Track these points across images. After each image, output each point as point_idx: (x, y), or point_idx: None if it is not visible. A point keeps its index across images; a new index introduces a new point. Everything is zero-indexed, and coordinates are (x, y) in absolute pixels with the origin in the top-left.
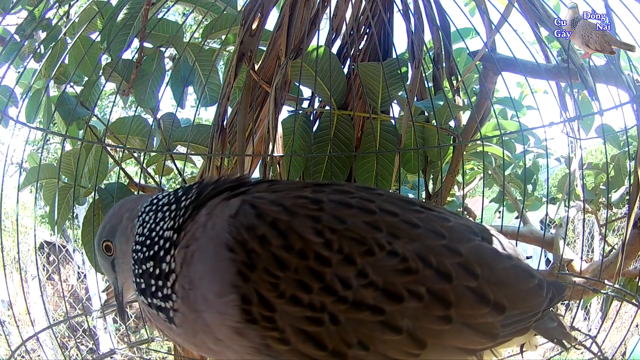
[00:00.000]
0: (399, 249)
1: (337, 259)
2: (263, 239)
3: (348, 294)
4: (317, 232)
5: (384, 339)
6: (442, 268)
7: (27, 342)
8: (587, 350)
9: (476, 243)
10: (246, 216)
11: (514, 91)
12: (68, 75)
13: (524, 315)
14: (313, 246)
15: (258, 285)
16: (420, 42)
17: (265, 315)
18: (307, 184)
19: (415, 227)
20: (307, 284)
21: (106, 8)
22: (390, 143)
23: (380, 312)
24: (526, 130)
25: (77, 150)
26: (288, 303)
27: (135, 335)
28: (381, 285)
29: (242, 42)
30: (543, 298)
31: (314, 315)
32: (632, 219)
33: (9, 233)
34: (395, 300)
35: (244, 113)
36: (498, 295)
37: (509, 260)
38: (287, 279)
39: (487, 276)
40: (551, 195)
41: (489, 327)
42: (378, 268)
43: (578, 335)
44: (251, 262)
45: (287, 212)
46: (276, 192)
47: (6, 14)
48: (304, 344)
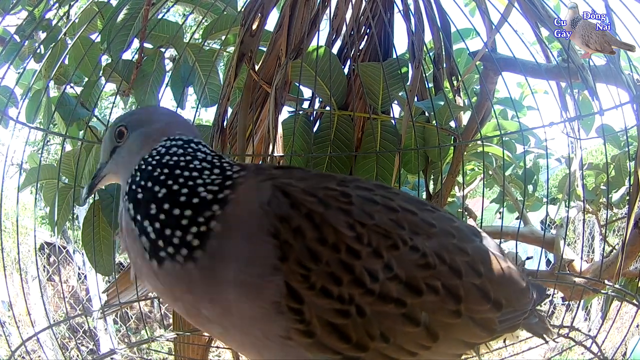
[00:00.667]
0: (419, 245)
1: (366, 252)
2: (297, 231)
3: (375, 286)
4: (350, 226)
5: (405, 331)
6: (455, 265)
7: (28, 343)
8: (587, 350)
9: (477, 244)
10: (280, 205)
11: (514, 91)
12: (68, 76)
13: (516, 312)
14: (345, 239)
15: (288, 276)
16: (420, 43)
17: (293, 307)
18: (325, 175)
19: (432, 226)
20: (338, 277)
21: (106, 8)
22: (390, 143)
23: (403, 304)
24: (526, 130)
25: (77, 151)
26: (318, 295)
27: (135, 336)
28: (404, 278)
29: (242, 43)
30: (530, 299)
31: (342, 308)
32: (633, 219)
33: (9, 234)
34: (416, 293)
35: (244, 113)
36: (497, 293)
37: (504, 262)
38: (318, 271)
39: (488, 275)
40: (552, 195)
41: (489, 322)
42: (402, 262)
43: (578, 336)
44: (283, 253)
45: (321, 203)
46: (303, 180)
47: (6, 14)
48: (329, 336)
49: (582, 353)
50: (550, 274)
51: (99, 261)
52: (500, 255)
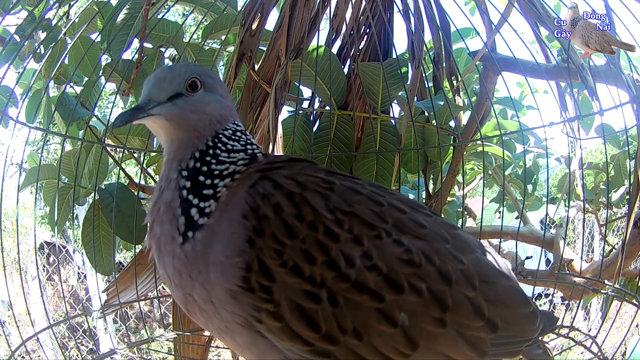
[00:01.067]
0: (404, 240)
1: (346, 237)
2: (277, 206)
3: (350, 272)
4: (329, 210)
5: (379, 330)
6: (444, 269)
7: (27, 343)
8: (587, 350)
9: (478, 255)
10: (263, 186)
11: (514, 91)
12: (68, 76)
13: (515, 338)
14: (325, 220)
15: (262, 252)
16: (420, 42)
17: (263, 284)
18: (322, 169)
19: (422, 226)
20: (312, 255)
21: (106, 8)
22: (390, 143)
23: (380, 299)
24: (526, 130)
25: (77, 151)
26: (289, 273)
27: (135, 336)
28: (384, 271)
29: (242, 42)
30: (536, 327)
31: (312, 290)
32: (632, 219)
33: (9, 234)
34: (396, 289)
35: (244, 113)
36: (493, 312)
37: (508, 280)
38: (293, 247)
39: (485, 291)
40: (551, 195)
41: (480, 342)
42: (383, 253)
43: (578, 335)
44: (260, 227)
45: (299, 186)
46: (291, 168)
47: (6, 14)
48: (298, 321)
49: (581, 353)
50: (550, 273)
51: (98, 261)
52: (504, 273)
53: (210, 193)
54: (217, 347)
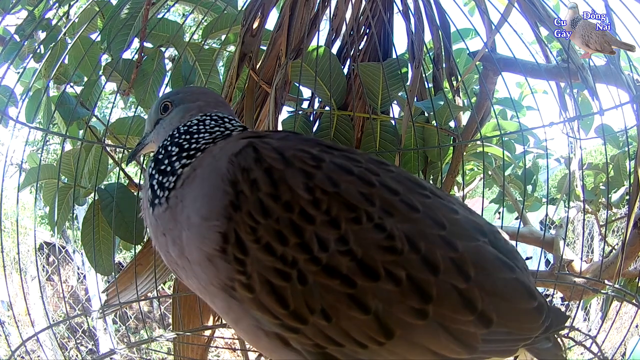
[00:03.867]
0: (387, 226)
1: (321, 219)
2: (254, 183)
3: (322, 256)
4: (308, 189)
5: (349, 315)
6: (431, 257)
7: (27, 343)
8: (587, 350)
9: (479, 244)
10: (245, 157)
11: (513, 91)
12: (68, 75)
13: (511, 336)
14: (300, 201)
15: (238, 226)
16: (420, 43)
17: (238, 257)
18: (322, 144)
19: (414, 210)
20: (285, 236)
21: (106, 8)
22: (390, 143)
23: (351, 284)
24: (526, 130)
25: (77, 151)
26: (262, 250)
27: (135, 336)
28: (359, 256)
29: (243, 43)
30: (539, 324)
31: (283, 269)
32: (632, 219)
33: (8, 234)
34: (370, 276)
35: (249, 114)
36: (488, 305)
37: (511, 272)
38: (266, 226)
39: (480, 282)
40: (551, 195)
41: (469, 337)
42: (361, 238)
43: (578, 336)
44: (238, 202)
45: (283, 161)
46: (285, 140)
47: (6, 14)
48: (267, 296)
49: (581, 353)
50: (550, 274)
51: (98, 261)
52: (509, 265)
53: (169, 169)
54: (217, 347)
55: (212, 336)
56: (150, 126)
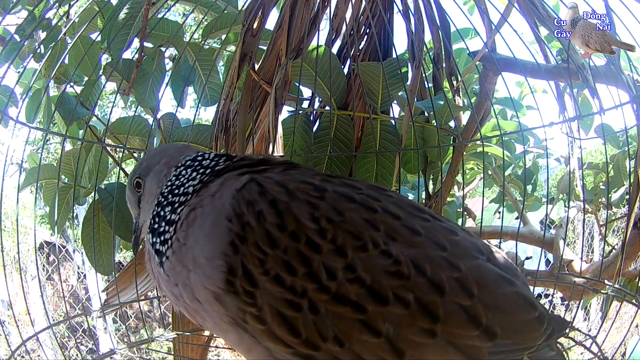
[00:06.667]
0: (393, 251)
1: (328, 248)
2: (260, 214)
3: (332, 284)
4: (314, 219)
5: (362, 339)
6: (436, 279)
7: (27, 342)
8: (587, 350)
9: (479, 262)
10: (250, 192)
11: (513, 91)
12: (68, 75)
13: (516, 346)
14: (307, 231)
15: (246, 258)
16: (420, 42)
17: (247, 289)
18: (320, 174)
19: (416, 233)
20: (293, 267)
21: (106, 8)
22: (390, 143)
23: (362, 310)
24: (526, 130)
25: (77, 150)
26: (271, 281)
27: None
28: (368, 283)
29: (244, 43)
30: (541, 333)
31: (293, 299)
32: (632, 219)
33: (9, 233)
34: (380, 301)
35: (244, 113)
36: (491, 320)
37: (511, 287)
38: (274, 257)
39: (483, 298)
40: (551, 195)
41: (475, 351)
42: (368, 265)
43: (578, 336)
44: (244, 234)
45: (287, 193)
46: (285, 174)
47: (6, 14)
48: (280, 327)
49: (581, 353)
50: (550, 274)
51: (98, 260)
52: (509, 278)
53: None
54: (217, 347)
55: (212, 336)
56: (135, 208)
